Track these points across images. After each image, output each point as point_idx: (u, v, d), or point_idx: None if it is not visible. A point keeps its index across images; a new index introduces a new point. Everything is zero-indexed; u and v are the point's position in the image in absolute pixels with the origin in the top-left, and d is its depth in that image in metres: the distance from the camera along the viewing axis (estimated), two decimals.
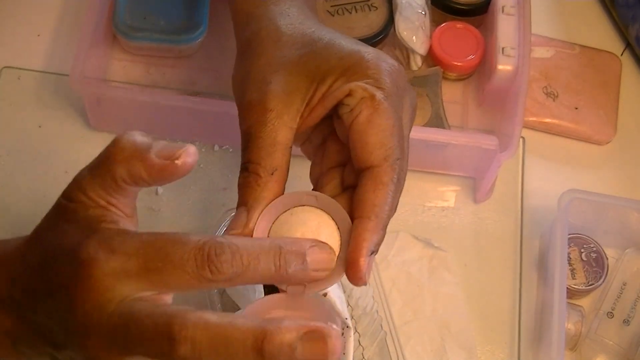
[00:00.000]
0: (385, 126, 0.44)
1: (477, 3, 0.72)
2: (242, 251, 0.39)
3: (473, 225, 0.68)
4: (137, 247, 0.39)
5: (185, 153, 0.41)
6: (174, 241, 0.39)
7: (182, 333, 0.37)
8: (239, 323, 0.37)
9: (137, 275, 0.39)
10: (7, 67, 0.71)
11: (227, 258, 0.39)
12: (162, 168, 0.41)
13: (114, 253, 0.39)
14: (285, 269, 0.40)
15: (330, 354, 0.37)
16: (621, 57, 0.75)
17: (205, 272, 0.38)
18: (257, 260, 0.39)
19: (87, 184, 0.42)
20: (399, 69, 0.46)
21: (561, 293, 0.61)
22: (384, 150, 0.43)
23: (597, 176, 0.71)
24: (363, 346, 0.61)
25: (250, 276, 0.39)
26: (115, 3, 0.69)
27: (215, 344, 0.37)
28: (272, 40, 0.47)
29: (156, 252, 0.39)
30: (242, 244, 0.39)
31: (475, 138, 0.65)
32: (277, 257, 0.40)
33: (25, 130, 0.69)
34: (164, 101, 0.65)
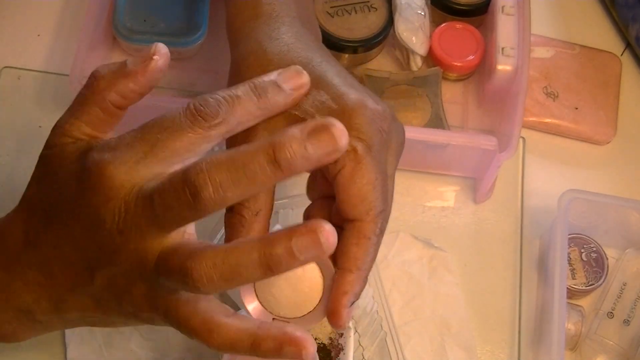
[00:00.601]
0: (367, 180, 0.44)
1: (476, 3, 0.72)
2: (222, 94, 0.42)
3: (473, 225, 0.68)
4: (134, 135, 0.42)
5: (156, 49, 0.45)
6: (163, 115, 0.42)
7: (199, 178, 0.38)
8: (247, 147, 0.38)
9: (145, 156, 0.41)
10: (7, 67, 0.71)
11: (213, 103, 0.41)
12: (145, 70, 0.44)
13: (116, 149, 0.41)
14: (266, 97, 0.43)
15: (337, 140, 0.38)
16: (621, 57, 0.75)
17: (200, 122, 0.41)
18: (238, 97, 0.42)
19: (70, 127, 0.44)
20: (382, 112, 0.46)
21: (561, 293, 0.61)
22: (366, 204, 0.44)
23: (597, 176, 0.71)
24: (363, 346, 0.61)
25: (240, 113, 0.42)
26: (114, 5, 0.69)
27: (232, 175, 0.38)
28: (260, 68, 0.47)
29: (152, 129, 0.41)
30: (220, 91, 0.42)
31: (475, 138, 0.65)
32: (253, 90, 0.42)
33: (25, 130, 0.69)
34: (163, 103, 0.65)
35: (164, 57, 0.45)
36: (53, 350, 0.61)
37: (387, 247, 0.66)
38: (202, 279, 0.38)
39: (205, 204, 0.38)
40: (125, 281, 0.42)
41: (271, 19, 0.50)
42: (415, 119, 0.68)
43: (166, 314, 0.42)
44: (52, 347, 0.62)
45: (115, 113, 0.45)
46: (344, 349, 0.59)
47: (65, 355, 0.61)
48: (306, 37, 0.50)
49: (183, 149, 0.41)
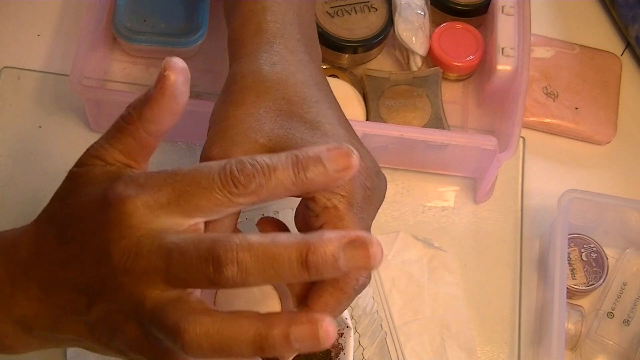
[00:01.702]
0: None
1: (476, 3, 0.72)
2: (261, 163, 0.40)
3: (473, 225, 0.68)
4: (164, 179, 0.41)
5: (167, 64, 0.42)
6: (198, 167, 0.40)
7: (227, 255, 0.37)
8: (282, 239, 0.38)
9: (168, 204, 0.40)
10: (7, 67, 0.71)
11: (249, 171, 0.40)
12: (162, 91, 0.42)
13: (143, 187, 0.40)
14: (305, 174, 0.40)
15: (372, 259, 0.38)
16: (621, 57, 0.75)
17: (231, 188, 0.40)
18: (276, 170, 0.40)
19: (104, 151, 0.43)
20: (367, 168, 0.46)
21: (561, 293, 0.60)
22: None
23: (597, 176, 0.71)
24: (363, 346, 0.61)
25: (273, 186, 0.40)
26: (114, 5, 0.69)
27: (260, 263, 0.37)
28: (256, 93, 0.47)
29: (183, 179, 0.40)
30: (260, 158, 0.40)
31: (474, 138, 0.65)
32: (294, 164, 0.40)
33: (25, 130, 0.69)
34: None
35: (177, 70, 0.42)
36: (53, 350, 0.61)
37: (387, 247, 0.66)
38: (192, 345, 0.38)
39: (225, 281, 0.38)
40: (120, 319, 0.41)
41: (275, 39, 0.50)
42: (415, 119, 0.68)
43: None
44: None
45: (149, 142, 0.43)
46: (344, 349, 0.59)
47: (65, 355, 0.61)
48: (307, 66, 0.50)
49: (208, 208, 0.40)
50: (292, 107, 0.47)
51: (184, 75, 0.42)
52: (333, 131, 0.47)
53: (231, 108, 0.47)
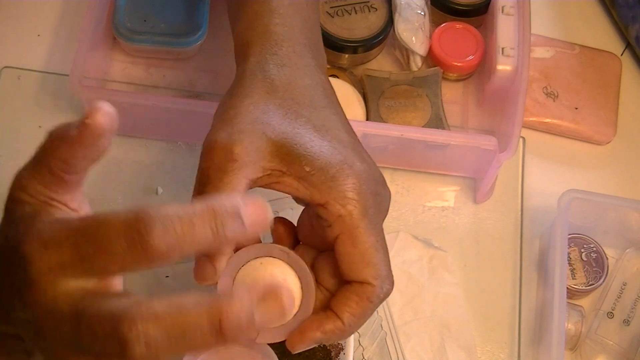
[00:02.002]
0: (368, 245, 0.44)
1: (476, 3, 0.72)
2: (174, 221, 0.35)
3: (473, 225, 0.68)
4: (67, 236, 0.37)
5: (92, 109, 0.37)
6: (102, 222, 0.36)
7: (132, 332, 0.34)
8: (190, 306, 0.35)
9: (72, 266, 0.37)
10: (7, 67, 0.71)
11: (159, 232, 0.35)
12: (80, 137, 0.38)
13: (46, 247, 0.37)
14: (224, 232, 0.36)
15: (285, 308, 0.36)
16: (621, 57, 0.75)
17: (138, 251, 0.35)
18: (192, 228, 0.36)
19: (26, 182, 0.40)
20: (377, 176, 0.46)
21: (561, 293, 0.60)
22: (372, 268, 0.44)
23: (597, 176, 0.71)
24: (363, 346, 0.61)
25: (188, 247, 0.36)
26: (114, 5, 0.69)
27: (170, 337, 0.35)
28: (265, 89, 0.46)
29: (86, 238, 0.36)
30: (172, 212, 0.36)
31: (475, 138, 0.65)
32: (212, 220, 0.36)
33: (25, 130, 0.69)
34: (163, 104, 0.65)
35: (102, 117, 0.37)
36: None
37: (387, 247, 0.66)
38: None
39: (134, 358, 0.35)
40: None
41: (283, 42, 0.49)
42: (415, 119, 0.68)
43: None
44: None
45: (65, 179, 0.39)
46: (344, 349, 0.59)
47: None
48: (314, 71, 0.49)
49: (114, 270, 0.37)
50: (300, 108, 0.46)
51: (107, 124, 0.38)
52: (339, 137, 0.46)
53: (238, 100, 0.46)
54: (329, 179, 0.44)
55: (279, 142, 0.45)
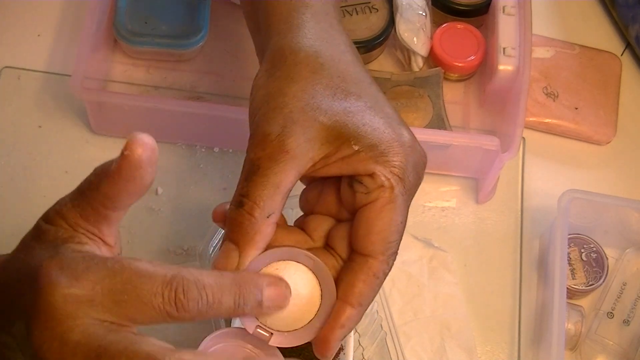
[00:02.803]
0: (394, 222, 0.43)
1: (477, 4, 0.72)
2: (207, 289, 0.39)
3: (473, 225, 0.68)
4: (103, 276, 0.38)
5: (130, 142, 0.38)
6: (142, 274, 0.38)
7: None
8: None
9: (101, 304, 0.37)
10: (7, 67, 0.71)
11: (194, 296, 0.38)
12: (119, 170, 0.38)
13: (77, 280, 0.38)
14: (243, 308, 0.40)
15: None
16: (621, 57, 0.75)
17: (171, 309, 0.38)
18: (220, 299, 0.39)
19: (66, 211, 0.41)
20: (424, 160, 0.45)
21: (561, 293, 0.61)
22: (385, 244, 0.43)
23: (597, 176, 0.71)
24: (363, 346, 0.61)
25: (213, 313, 0.39)
26: (115, 7, 0.69)
27: None
28: (310, 69, 0.45)
29: (123, 284, 0.38)
30: (207, 281, 0.39)
31: (477, 139, 0.65)
32: (237, 295, 0.40)
33: (25, 130, 0.69)
34: (164, 106, 0.65)
35: (140, 149, 0.38)
36: None
37: None
38: None
39: None
40: None
41: (320, 16, 0.47)
42: (417, 119, 0.68)
43: None
44: None
45: (106, 214, 0.40)
46: (344, 349, 0.59)
47: None
48: (352, 47, 0.48)
49: (141, 320, 0.38)
50: (348, 85, 0.45)
51: (149, 152, 0.38)
52: (388, 112, 0.45)
53: (284, 84, 0.45)
54: (378, 154, 0.44)
55: (331, 125, 0.44)
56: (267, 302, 0.41)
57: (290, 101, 0.44)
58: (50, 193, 0.67)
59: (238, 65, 0.72)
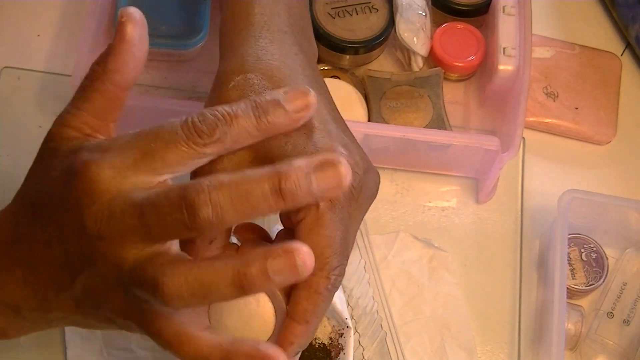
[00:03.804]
0: (325, 238, 0.43)
1: (477, 3, 0.72)
2: (222, 112, 0.41)
3: (473, 225, 0.69)
4: (128, 140, 0.41)
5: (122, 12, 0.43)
6: (161, 125, 0.41)
7: (200, 197, 0.37)
8: (252, 173, 0.38)
9: (135, 163, 0.40)
10: (7, 67, 0.71)
11: (210, 121, 0.40)
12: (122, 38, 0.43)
13: (107, 151, 0.41)
14: (266, 118, 0.41)
15: (342, 178, 0.38)
16: (621, 57, 0.75)
17: (195, 139, 0.40)
18: (237, 117, 0.41)
19: (72, 117, 0.43)
20: (353, 164, 0.44)
21: (561, 293, 0.61)
22: (320, 260, 0.43)
23: (597, 176, 0.71)
24: (363, 346, 0.61)
25: (237, 132, 0.41)
26: (115, 8, 0.69)
27: (235, 199, 0.37)
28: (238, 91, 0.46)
29: (146, 137, 0.41)
30: (220, 107, 0.41)
31: (477, 139, 0.65)
32: (254, 109, 0.41)
33: (25, 130, 0.69)
34: (164, 106, 0.65)
35: (131, 16, 0.43)
36: (53, 350, 0.61)
37: (387, 247, 0.66)
38: (172, 295, 0.38)
39: (202, 224, 0.38)
40: (103, 287, 0.41)
41: (262, 32, 0.49)
42: (417, 119, 0.68)
43: (140, 324, 0.41)
44: (52, 347, 0.61)
45: (117, 95, 0.44)
46: (344, 349, 0.59)
47: (65, 355, 0.61)
48: (294, 59, 0.48)
49: (175, 162, 0.41)
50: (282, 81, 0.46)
51: (141, 23, 0.43)
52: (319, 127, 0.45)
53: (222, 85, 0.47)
54: None
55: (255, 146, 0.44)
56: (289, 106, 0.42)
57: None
58: None
59: None
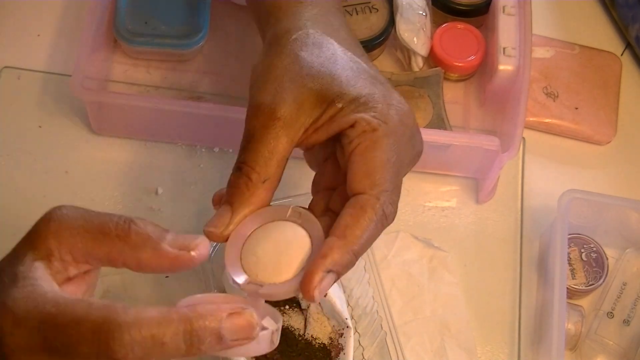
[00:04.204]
0: (379, 158, 0.44)
1: (477, 3, 0.72)
2: (144, 333, 0.36)
3: (473, 225, 0.69)
4: (39, 321, 0.38)
5: (202, 245, 0.41)
6: (73, 320, 0.37)
7: None
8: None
9: (42, 351, 0.38)
10: (7, 67, 0.71)
11: (126, 342, 0.36)
12: (176, 257, 0.40)
13: (18, 327, 0.38)
14: (198, 346, 0.38)
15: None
16: (621, 57, 0.75)
17: (103, 357, 0.37)
18: (162, 343, 0.37)
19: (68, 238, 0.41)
20: (408, 110, 0.47)
21: (561, 293, 0.61)
22: (371, 179, 0.44)
23: (597, 176, 0.71)
24: (363, 346, 0.61)
25: (159, 356, 0.37)
26: (115, 7, 0.69)
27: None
28: (300, 44, 0.47)
29: (55, 331, 0.38)
30: (145, 325, 0.37)
31: (477, 139, 0.65)
32: (187, 334, 0.38)
33: (25, 130, 0.69)
34: (164, 106, 0.65)
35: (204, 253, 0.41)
36: None
37: (387, 247, 0.66)
38: None
39: None
40: None
41: (316, 3, 0.50)
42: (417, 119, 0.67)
43: None
44: None
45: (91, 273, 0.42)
46: (344, 349, 0.59)
47: None
48: (346, 28, 0.51)
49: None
50: (336, 53, 0.47)
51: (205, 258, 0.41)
52: (375, 75, 0.47)
53: (277, 59, 0.47)
54: (358, 105, 0.45)
55: (318, 89, 0.46)
56: (229, 335, 0.38)
57: (280, 73, 0.46)
58: (50, 193, 0.67)
59: (238, 65, 0.72)
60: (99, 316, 0.37)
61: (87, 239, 0.40)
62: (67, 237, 0.40)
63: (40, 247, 0.40)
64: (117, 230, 0.40)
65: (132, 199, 0.67)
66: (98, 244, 0.40)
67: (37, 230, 0.41)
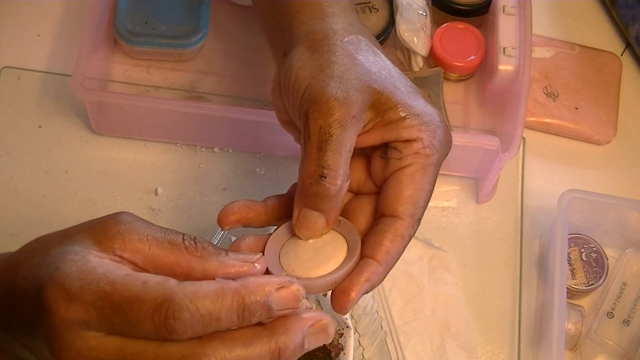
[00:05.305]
0: (424, 187, 0.45)
1: (477, 3, 0.72)
2: (202, 311, 0.38)
3: (473, 225, 0.69)
4: (94, 299, 0.38)
5: (261, 259, 0.42)
6: (130, 298, 0.38)
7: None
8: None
9: (98, 326, 0.38)
10: (7, 67, 0.71)
11: (186, 320, 0.38)
12: (241, 267, 0.42)
13: (72, 302, 0.38)
14: (250, 319, 0.39)
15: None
16: (621, 57, 0.75)
17: (163, 333, 0.38)
18: (219, 319, 0.38)
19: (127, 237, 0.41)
20: (450, 139, 0.48)
21: (561, 293, 0.61)
22: (413, 207, 0.45)
23: (597, 176, 0.71)
24: (363, 346, 0.61)
25: (213, 330, 0.39)
26: (115, 7, 0.69)
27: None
28: (355, 47, 0.47)
29: (113, 309, 0.38)
30: (201, 303, 0.38)
31: (477, 139, 0.65)
32: (240, 309, 0.39)
33: (25, 130, 0.69)
34: (164, 106, 0.65)
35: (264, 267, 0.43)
36: None
37: None
38: None
39: None
40: None
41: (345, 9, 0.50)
42: None
43: None
44: None
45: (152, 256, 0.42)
46: (344, 349, 0.59)
47: None
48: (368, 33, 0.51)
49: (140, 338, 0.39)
50: (387, 64, 0.48)
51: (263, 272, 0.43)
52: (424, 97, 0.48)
53: (336, 57, 0.46)
54: (422, 123, 0.46)
55: (381, 91, 0.46)
56: (277, 306, 0.40)
57: (346, 70, 0.46)
58: (50, 193, 0.67)
59: (238, 65, 0.72)
60: (158, 295, 0.38)
61: (155, 246, 0.41)
62: (134, 242, 0.41)
63: (104, 244, 0.40)
64: (185, 242, 0.41)
65: (132, 199, 0.67)
66: (166, 252, 0.41)
67: (104, 229, 0.41)
